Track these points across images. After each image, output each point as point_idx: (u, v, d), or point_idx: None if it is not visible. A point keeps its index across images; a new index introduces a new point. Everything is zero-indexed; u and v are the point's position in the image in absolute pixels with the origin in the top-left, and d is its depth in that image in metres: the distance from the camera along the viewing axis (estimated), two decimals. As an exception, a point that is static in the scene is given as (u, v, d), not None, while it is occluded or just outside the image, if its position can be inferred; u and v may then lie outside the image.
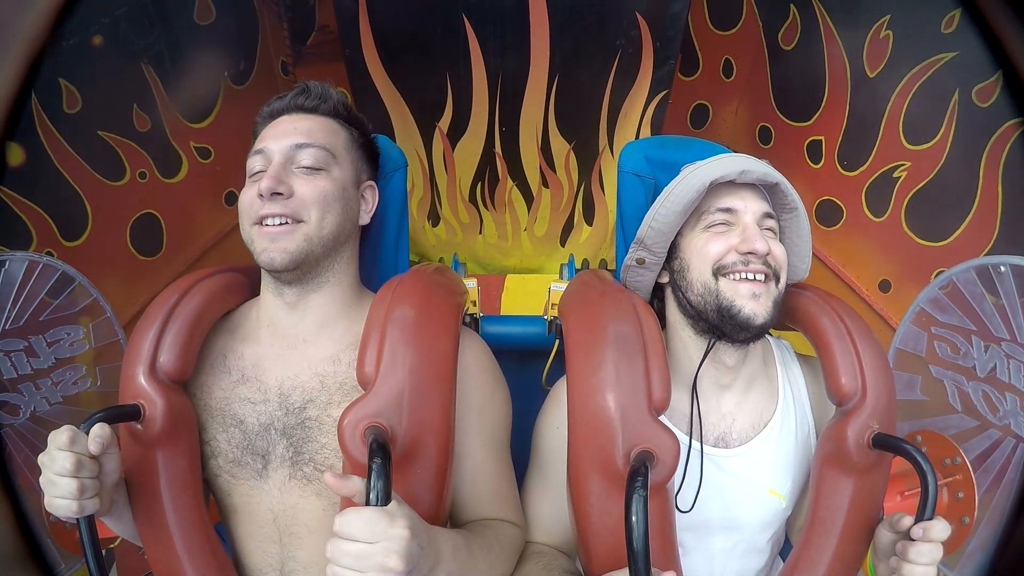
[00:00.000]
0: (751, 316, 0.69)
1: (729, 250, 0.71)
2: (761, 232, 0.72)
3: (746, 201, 0.73)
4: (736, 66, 1.53)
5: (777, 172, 0.74)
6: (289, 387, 0.71)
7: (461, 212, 1.76)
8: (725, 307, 0.70)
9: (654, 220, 0.75)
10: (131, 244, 1.18)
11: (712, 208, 0.74)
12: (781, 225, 0.77)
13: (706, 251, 0.73)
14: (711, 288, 0.72)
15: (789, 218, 0.76)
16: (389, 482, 0.53)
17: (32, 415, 0.88)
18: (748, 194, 0.74)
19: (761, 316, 0.70)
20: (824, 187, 1.36)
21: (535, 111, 1.50)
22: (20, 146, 0.94)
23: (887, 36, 1.14)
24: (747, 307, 0.69)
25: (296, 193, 0.69)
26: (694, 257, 0.74)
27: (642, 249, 0.78)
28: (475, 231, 1.79)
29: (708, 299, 0.72)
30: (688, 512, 0.71)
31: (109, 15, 1.04)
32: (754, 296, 0.70)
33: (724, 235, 0.73)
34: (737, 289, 0.70)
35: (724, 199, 0.74)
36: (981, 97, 0.99)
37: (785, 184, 0.73)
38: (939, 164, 1.09)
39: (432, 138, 1.59)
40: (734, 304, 0.70)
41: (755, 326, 0.70)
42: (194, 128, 1.29)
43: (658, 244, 0.77)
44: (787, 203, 0.74)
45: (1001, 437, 0.86)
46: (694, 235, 0.75)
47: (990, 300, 0.87)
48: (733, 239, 0.72)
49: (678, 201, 0.73)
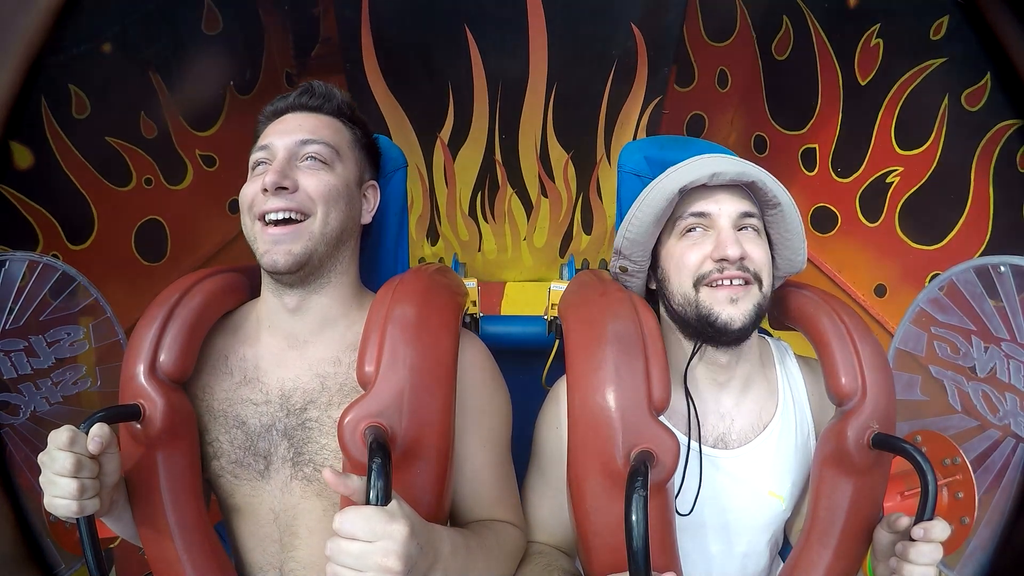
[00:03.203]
0: (728, 321, 0.69)
1: (704, 259, 0.71)
2: (736, 235, 0.70)
3: (720, 204, 0.72)
4: (731, 76, 1.56)
5: (755, 168, 0.72)
6: (290, 388, 0.71)
7: (460, 229, 1.77)
8: (704, 315, 0.70)
9: (628, 231, 0.75)
10: (136, 249, 1.19)
11: (686, 213, 0.73)
12: (767, 220, 0.75)
13: (683, 262, 0.72)
14: (691, 299, 0.71)
15: (774, 213, 0.73)
16: (389, 482, 0.53)
17: (32, 415, 0.88)
18: (723, 196, 0.72)
19: (739, 321, 0.69)
20: (819, 194, 1.38)
21: (534, 119, 1.53)
22: (29, 149, 0.96)
23: (877, 44, 1.17)
24: (724, 313, 0.69)
25: (301, 187, 0.69)
26: (672, 268, 0.74)
27: (622, 259, 0.78)
28: (474, 248, 1.80)
29: (688, 308, 0.72)
30: (688, 515, 0.71)
31: (119, 23, 1.07)
32: (732, 301, 0.69)
33: (699, 243, 0.72)
34: (715, 296, 0.70)
35: (698, 203, 0.72)
36: (970, 101, 1.02)
37: (763, 180, 0.71)
38: (931, 168, 1.11)
39: (432, 151, 1.61)
40: (712, 311, 0.69)
41: (732, 331, 0.69)
42: (200, 136, 1.31)
43: (636, 254, 0.77)
44: (768, 199, 0.72)
45: (1001, 437, 0.86)
46: (672, 242, 0.75)
47: (990, 300, 0.87)
48: (707, 246, 0.71)
49: (649, 211, 0.73)
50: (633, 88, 1.50)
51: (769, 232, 0.75)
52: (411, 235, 1.77)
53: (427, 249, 1.82)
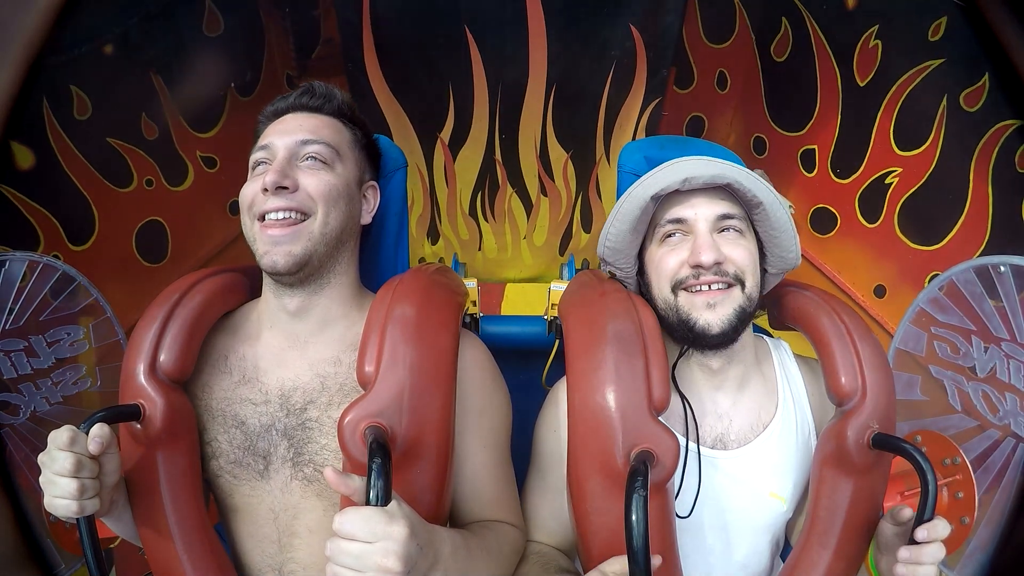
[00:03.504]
0: (706, 327, 0.69)
1: (682, 264, 0.71)
2: (714, 240, 0.70)
3: (696, 208, 0.71)
4: (730, 78, 1.56)
5: (732, 169, 0.70)
6: (290, 388, 0.71)
7: (461, 228, 1.77)
8: (683, 319, 0.70)
9: (606, 239, 0.75)
10: (136, 250, 1.19)
11: (663, 220, 0.73)
12: (754, 220, 0.73)
13: (661, 268, 0.72)
14: (671, 303, 0.72)
15: (758, 212, 0.72)
16: (389, 482, 0.53)
17: (32, 415, 0.88)
18: (700, 200, 0.71)
19: (717, 326, 0.69)
20: (818, 195, 1.38)
21: (534, 119, 1.54)
22: (30, 149, 0.96)
23: (876, 45, 1.17)
24: (702, 318, 0.69)
25: (302, 186, 0.69)
26: (653, 273, 0.74)
27: (607, 265, 0.78)
28: (474, 247, 1.81)
29: (670, 313, 0.72)
30: (687, 517, 0.71)
31: (120, 25, 1.07)
32: (709, 306, 0.69)
33: (676, 249, 0.71)
34: (693, 301, 0.70)
35: (674, 209, 0.72)
36: (969, 102, 1.02)
37: (739, 181, 0.69)
38: (930, 169, 1.11)
39: (433, 151, 1.61)
40: (691, 316, 0.70)
41: (711, 335, 0.69)
42: (200, 138, 1.32)
43: (620, 261, 0.77)
44: (749, 199, 0.71)
45: (1001, 437, 0.86)
46: (653, 248, 0.75)
47: (990, 300, 0.87)
48: (684, 252, 0.70)
49: (625, 220, 0.73)
50: (632, 89, 1.50)
51: (757, 231, 0.75)
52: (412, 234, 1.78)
53: (428, 248, 1.82)
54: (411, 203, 1.73)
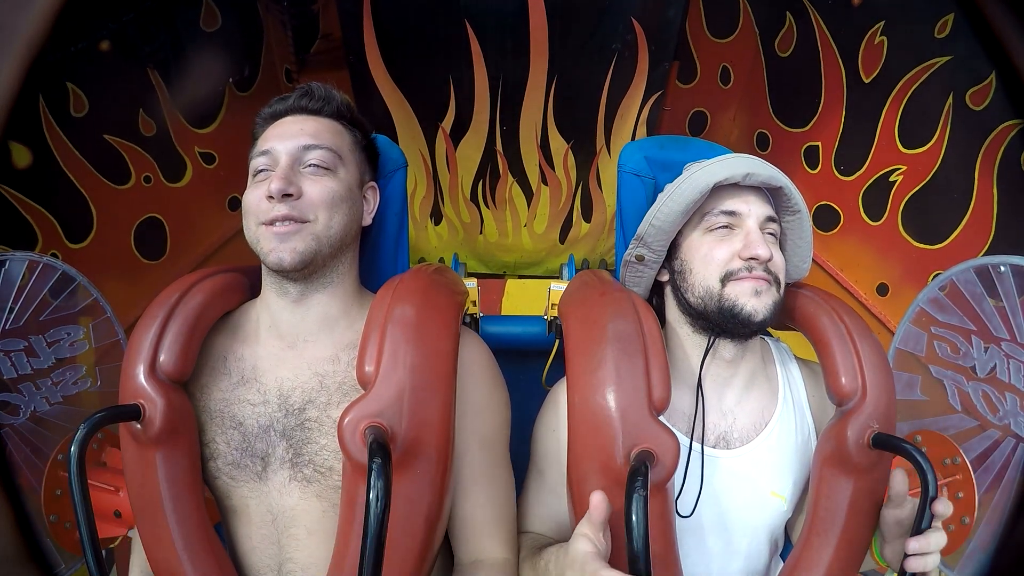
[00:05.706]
0: (752, 313, 0.70)
1: (733, 256, 0.71)
2: (763, 237, 0.72)
3: (750, 204, 0.73)
4: (733, 73, 1.55)
5: (783, 175, 0.73)
6: (289, 388, 0.70)
7: (463, 211, 1.78)
8: (727, 307, 0.70)
9: (655, 218, 0.75)
10: (135, 247, 1.19)
11: (715, 210, 0.74)
12: (783, 227, 0.76)
13: (711, 256, 0.72)
14: (714, 293, 0.72)
15: (792, 220, 0.75)
16: (389, 482, 0.52)
17: (32, 415, 0.87)
18: (752, 197, 0.73)
19: (762, 313, 0.70)
20: (821, 192, 1.37)
21: (535, 111, 1.53)
22: (27, 148, 0.96)
23: (881, 42, 1.16)
24: (749, 304, 0.70)
25: (305, 193, 0.69)
26: (696, 260, 0.74)
27: (642, 246, 0.78)
28: (476, 230, 1.82)
29: (710, 302, 0.72)
30: (688, 516, 0.71)
31: (117, 21, 1.06)
32: (756, 293, 0.70)
33: (727, 240, 0.73)
34: (740, 287, 0.70)
35: (728, 201, 0.73)
36: (975, 100, 1.01)
37: (790, 187, 0.73)
38: (935, 167, 1.11)
39: (435, 138, 1.61)
40: (737, 303, 0.70)
41: (755, 322, 0.70)
42: (199, 134, 1.31)
43: (658, 242, 0.77)
44: (790, 206, 0.74)
45: (1001, 437, 0.86)
46: (696, 236, 0.75)
47: (990, 300, 0.87)
48: (736, 244, 0.72)
49: (680, 201, 0.73)
50: (633, 82, 1.50)
51: (781, 238, 0.77)
52: (415, 217, 1.79)
53: (431, 229, 1.82)
54: (414, 187, 1.73)
